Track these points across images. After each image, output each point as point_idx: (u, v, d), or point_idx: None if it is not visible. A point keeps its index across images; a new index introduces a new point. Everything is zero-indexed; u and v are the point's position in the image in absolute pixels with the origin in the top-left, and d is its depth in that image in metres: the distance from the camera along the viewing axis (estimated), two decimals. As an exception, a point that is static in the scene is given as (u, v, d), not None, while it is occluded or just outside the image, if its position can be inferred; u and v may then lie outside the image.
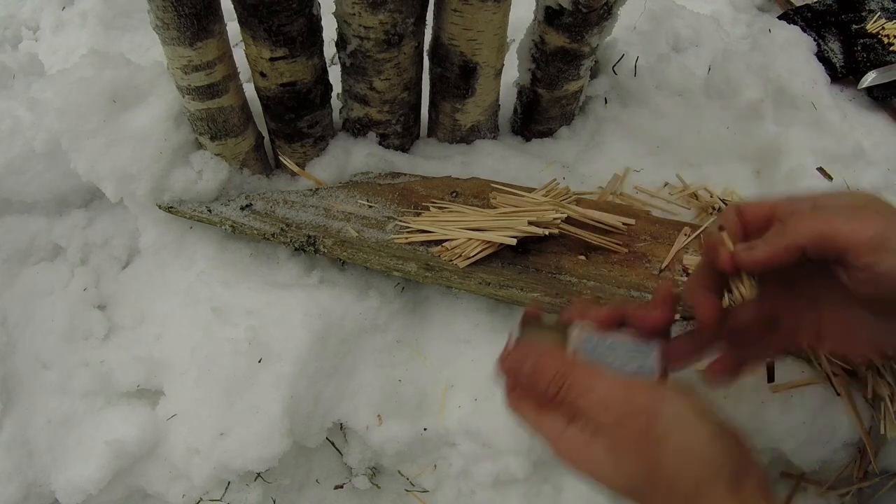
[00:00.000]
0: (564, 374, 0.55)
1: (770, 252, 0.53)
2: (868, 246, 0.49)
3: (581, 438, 0.53)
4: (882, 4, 1.29)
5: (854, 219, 0.50)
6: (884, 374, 0.78)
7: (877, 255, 0.49)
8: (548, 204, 0.87)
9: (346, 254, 0.87)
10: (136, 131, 0.84)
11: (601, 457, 0.52)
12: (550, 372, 0.56)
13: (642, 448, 0.50)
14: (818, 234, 0.51)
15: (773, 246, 0.53)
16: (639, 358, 0.59)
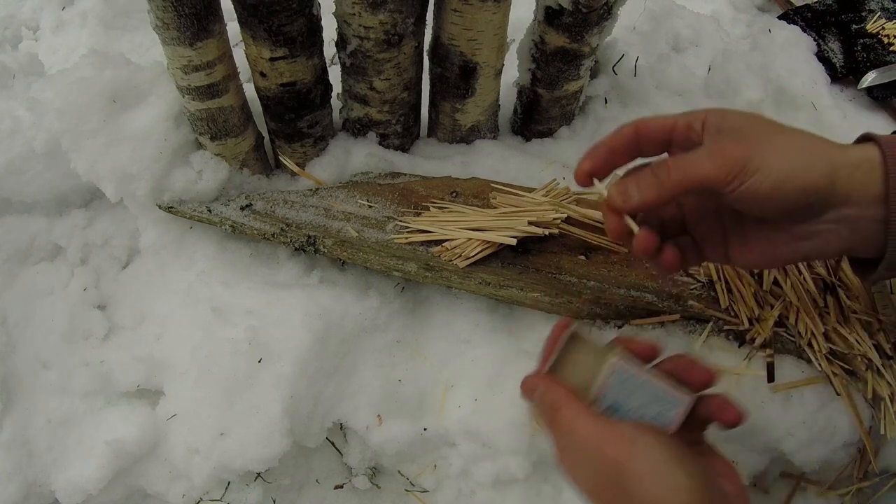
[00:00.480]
0: (556, 409, 0.57)
1: (643, 200, 0.56)
2: (728, 179, 0.53)
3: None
4: (882, 4, 1.29)
5: (715, 155, 0.54)
6: (884, 373, 0.78)
7: (740, 182, 0.53)
8: (548, 204, 0.87)
9: (346, 254, 0.87)
10: (136, 131, 0.85)
11: (585, 494, 0.55)
12: (547, 405, 0.58)
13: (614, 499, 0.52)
14: (685, 180, 0.54)
15: (645, 195, 0.56)
16: (663, 406, 0.59)
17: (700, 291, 0.85)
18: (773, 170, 0.52)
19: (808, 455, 0.80)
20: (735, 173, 0.53)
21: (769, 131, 0.55)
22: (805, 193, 0.53)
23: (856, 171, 0.53)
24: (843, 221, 0.55)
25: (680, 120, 0.59)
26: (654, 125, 0.59)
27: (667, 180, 0.55)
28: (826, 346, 0.79)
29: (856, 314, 0.81)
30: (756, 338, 0.81)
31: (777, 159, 0.53)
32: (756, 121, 0.56)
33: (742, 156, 0.53)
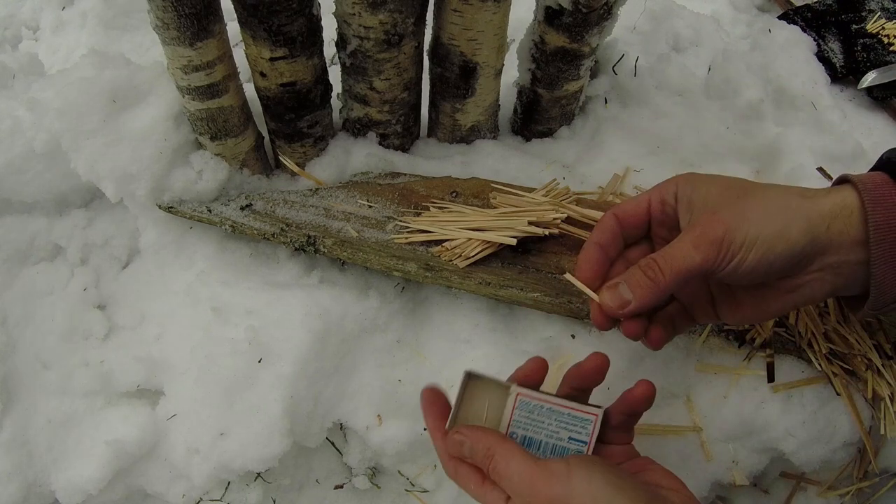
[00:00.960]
0: (490, 456, 0.56)
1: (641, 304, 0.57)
2: (716, 263, 0.54)
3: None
4: (882, 4, 1.29)
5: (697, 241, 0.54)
6: (884, 373, 0.78)
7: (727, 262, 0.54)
8: (548, 204, 0.87)
9: (346, 254, 0.87)
10: (136, 131, 0.85)
11: None
12: (479, 454, 0.57)
13: None
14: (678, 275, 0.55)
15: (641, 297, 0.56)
16: (574, 427, 0.60)
17: (700, 291, 0.85)
18: (754, 242, 0.53)
19: (808, 455, 0.80)
20: (721, 256, 0.54)
21: (741, 196, 0.56)
22: (788, 256, 0.54)
23: (834, 221, 0.54)
24: (828, 269, 0.56)
25: (653, 198, 0.60)
26: (630, 210, 0.61)
27: (661, 279, 0.55)
28: (826, 346, 0.79)
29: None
30: (756, 338, 0.81)
31: (756, 230, 0.54)
32: (726, 187, 0.57)
33: (720, 237, 0.54)
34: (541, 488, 0.52)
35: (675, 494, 0.55)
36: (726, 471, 0.81)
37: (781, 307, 0.59)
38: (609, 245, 0.61)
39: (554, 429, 0.60)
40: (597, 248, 0.61)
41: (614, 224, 0.61)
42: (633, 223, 0.61)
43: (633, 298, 0.57)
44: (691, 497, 0.56)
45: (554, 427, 0.60)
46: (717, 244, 0.54)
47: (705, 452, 0.80)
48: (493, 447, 0.56)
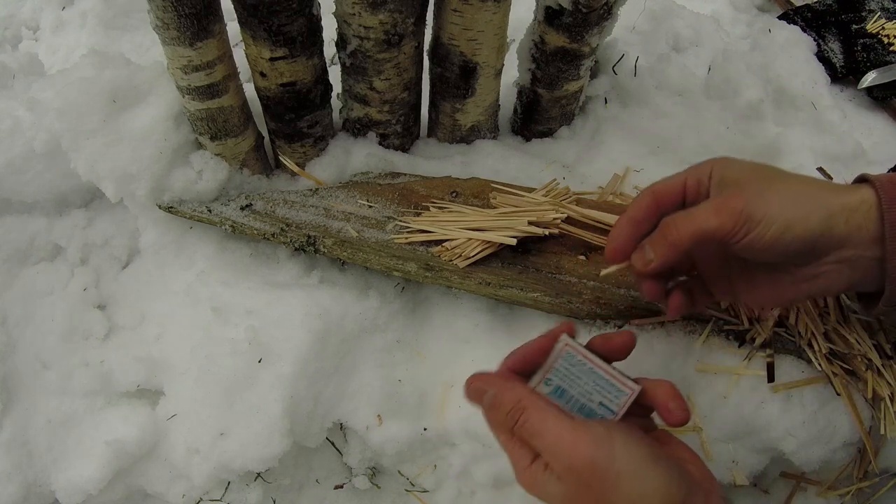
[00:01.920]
0: (520, 409, 0.56)
1: (660, 261, 0.60)
2: (732, 231, 0.56)
3: (542, 477, 0.54)
4: (882, 4, 1.29)
5: (719, 208, 0.57)
6: (884, 373, 0.78)
7: (744, 233, 0.56)
8: (548, 204, 0.87)
9: (346, 254, 0.87)
10: (136, 131, 0.85)
11: (557, 500, 0.53)
12: (507, 406, 0.57)
13: (593, 499, 0.51)
14: (693, 234, 0.58)
15: (660, 255, 0.60)
16: (607, 395, 0.60)
17: (700, 291, 0.85)
18: (774, 220, 0.56)
19: (808, 455, 0.80)
20: (739, 226, 0.56)
21: (769, 180, 0.58)
22: (805, 240, 0.56)
23: (853, 215, 0.56)
24: (844, 262, 0.58)
25: (689, 178, 0.63)
26: (667, 189, 0.63)
27: (676, 237, 0.58)
28: (826, 346, 0.79)
29: (856, 314, 0.81)
30: (756, 338, 0.81)
31: (777, 210, 0.56)
32: (756, 170, 0.60)
33: (744, 208, 0.56)
34: (583, 450, 0.52)
35: (694, 468, 0.56)
36: (726, 471, 0.81)
37: (796, 295, 0.61)
38: (641, 221, 0.63)
39: (588, 389, 0.60)
40: (629, 222, 0.63)
41: (650, 202, 0.63)
42: (669, 201, 0.63)
43: (654, 257, 0.60)
44: (709, 472, 0.56)
45: (589, 387, 0.60)
46: (736, 214, 0.56)
47: (705, 452, 0.80)
48: (525, 401, 0.56)
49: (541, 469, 0.54)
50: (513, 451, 0.57)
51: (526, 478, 0.56)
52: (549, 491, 0.54)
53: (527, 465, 0.55)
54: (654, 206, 0.63)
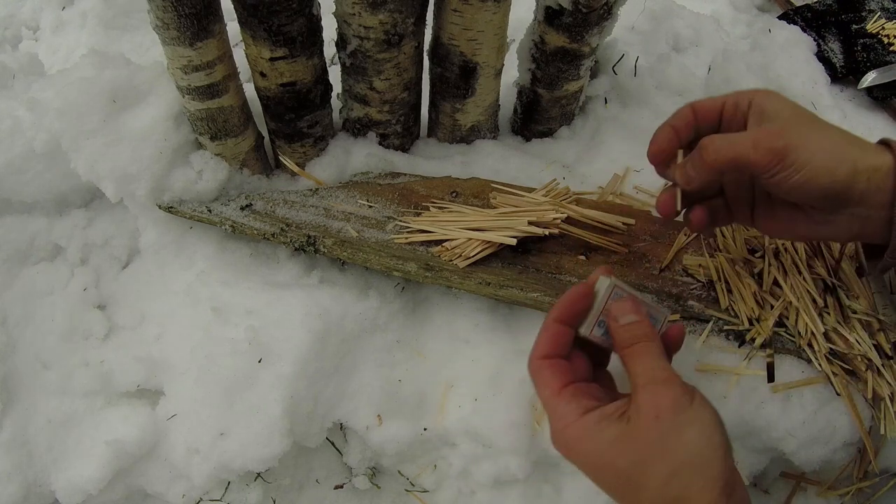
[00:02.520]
0: (638, 339, 0.59)
1: (700, 180, 0.64)
2: (765, 166, 0.60)
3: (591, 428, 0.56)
4: (882, 4, 1.29)
5: (756, 141, 0.61)
6: (884, 373, 0.78)
7: (775, 171, 0.60)
8: (548, 204, 0.87)
9: (346, 254, 0.87)
10: (136, 131, 0.85)
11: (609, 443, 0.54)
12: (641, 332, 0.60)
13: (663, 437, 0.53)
14: (728, 159, 0.61)
15: (699, 174, 0.64)
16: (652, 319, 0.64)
17: (700, 291, 0.85)
18: (803, 166, 0.60)
19: (808, 455, 0.80)
20: (772, 163, 0.60)
21: (807, 123, 0.62)
22: (828, 190, 0.60)
23: (875, 174, 0.60)
24: (857, 216, 0.63)
25: (728, 100, 0.66)
26: (707, 105, 0.67)
27: (714, 160, 0.62)
28: (826, 346, 0.79)
29: (856, 314, 0.81)
30: (756, 338, 0.81)
31: (808, 157, 0.59)
32: (796, 110, 0.63)
33: (779, 148, 0.60)
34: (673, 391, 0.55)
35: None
36: (726, 471, 0.81)
37: (809, 233, 0.67)
38: (681, 129, 0.67)
39: None
40: (670, 129, 0.67)
41: (689, 113, 0.67)
42: (706, 116, 0.67)
43: (695, 175, 0.64)
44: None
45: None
46: (773, 152, 0.60)
47: (705, 452, 0.80)
48: (649, 335, 0.60)
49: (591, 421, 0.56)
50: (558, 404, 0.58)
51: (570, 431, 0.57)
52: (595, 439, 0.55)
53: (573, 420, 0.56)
54: (692, 118, 0.67)
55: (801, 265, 0.83)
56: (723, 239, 0.88)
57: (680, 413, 0.54)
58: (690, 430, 0.53)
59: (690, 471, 0.52)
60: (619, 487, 0.55)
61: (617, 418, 0.56)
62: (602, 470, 0.55)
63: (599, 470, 0.56)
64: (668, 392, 0.55)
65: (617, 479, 0.54)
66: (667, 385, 0.55)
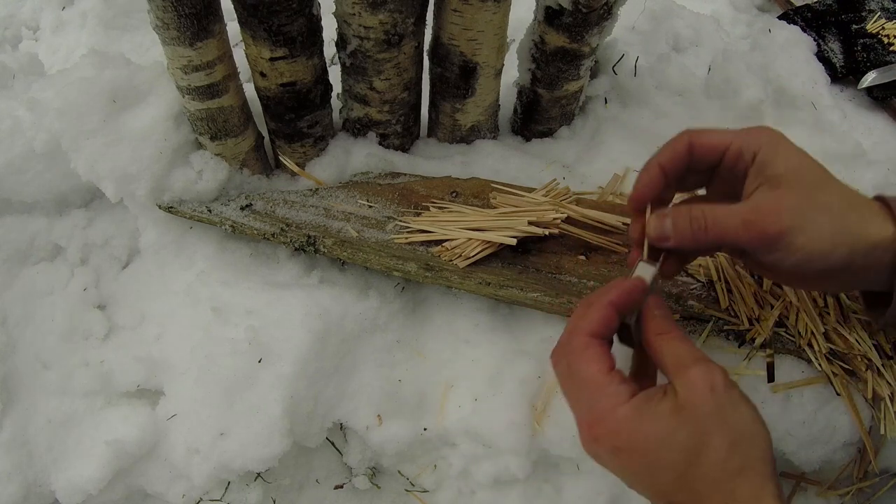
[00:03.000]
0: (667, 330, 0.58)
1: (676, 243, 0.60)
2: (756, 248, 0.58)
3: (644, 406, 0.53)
4: (882, 4, 1.29)
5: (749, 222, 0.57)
6: (884, 373, 0.78)
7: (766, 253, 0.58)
8: (548, 204, 0.87)
9: (346, 254, 0.87)
10: (136, 131, 0.85)
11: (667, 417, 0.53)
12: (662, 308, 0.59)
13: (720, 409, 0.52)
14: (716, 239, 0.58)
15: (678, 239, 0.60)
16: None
17: (700, 291, 0.85)
18: (797, 251, 0.57)
19: (808, 455, 0.80)
20: (763, 245, 0.57)
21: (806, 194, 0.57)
22: (822, 271, 0.58)
23: (873, 251, 0.57)
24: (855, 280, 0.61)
25: (734, 145, 0.60)
26: (708, 144, 0.61)
27: (701, 234, 0.59)
28: (826, 346, 0.79)
29: (856, 314, 0.81)
30: (756, 338, 0.81)
31: (803, 243, 0.56)
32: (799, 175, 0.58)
33: (772, 233, 0.56)
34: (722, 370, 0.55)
35: None
36: (726, 471, 0.81)
37: (801, 286, 0.67)
38: (671, 170, 0.62)
39: None
40: (659, 169, 0.62)
41: (684, 150, 0.62)
42: (705, 156, 0.62)
43: (672, 237, 0.60)
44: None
45: None
46: (765, 237, 0.57)
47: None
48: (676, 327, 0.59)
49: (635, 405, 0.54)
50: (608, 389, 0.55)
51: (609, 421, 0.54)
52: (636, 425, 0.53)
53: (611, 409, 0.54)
54: (687, 157, 0.62)
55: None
56: (723, 239, 0.88)
57: (732, 390, 0.54)
58: (744, 406, 0.53)
59: (749, 442, 0.52)
60: (679, 463, 0.52)
61: (664, 395, 0.54)
62: (660, 448, 0.52)
63: (657, 448, 0.52)
64: (719, 371, 0.54)
65: (677, 455, 0.52)
66: (716, 366, 0.55)
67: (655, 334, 0.58)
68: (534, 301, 0.84)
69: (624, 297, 0.59)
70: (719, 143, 0.61)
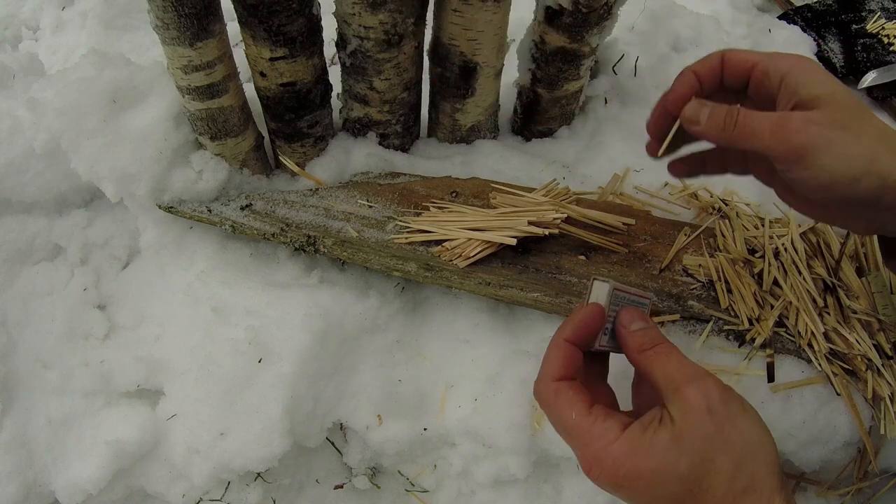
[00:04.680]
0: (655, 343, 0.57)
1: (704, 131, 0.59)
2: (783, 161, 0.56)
3: (639, 439, 0.52)
4: (882, 4, 1.29)
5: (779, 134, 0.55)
6: (884, 373, 0.78)
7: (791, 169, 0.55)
8: (548, 204, 0.87)
9: (346, 254, 0.87)
10: (136, 131, 0.84)
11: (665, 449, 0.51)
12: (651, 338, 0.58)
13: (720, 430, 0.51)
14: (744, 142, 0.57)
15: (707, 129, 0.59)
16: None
17: (700, 291, 0.85)
18: (821, 171, 0.54)
19: (808, 455, 0.80)
20: (791, 161, 0.55)
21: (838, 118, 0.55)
22: (848, 199, 0.56)
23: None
24: (879, 219, 0.58)
25: (761, 65, 0.60)
26: (738, 59, 0.61)
27: (731, 132, 0.57)
28: (826, 346, 0.79)
29: (856, 314, 0.81)
30: (756, 338, 0.81)
31: (828, 162, 0.54)
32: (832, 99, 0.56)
33: (797, 146, 0.54)
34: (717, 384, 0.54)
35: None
36: (726, 471, 0.81)
37: (824, 218, 0.63)
38: (706, 78, 0.62)
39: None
40: (693, 76, 0.62)
41: (718, 63, 0.62)
42: (734, 72, 0.61)
43: (702, 124, 0.59)
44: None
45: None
46: (790, 149, 0.55)
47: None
48: (663, 338, 0.58)
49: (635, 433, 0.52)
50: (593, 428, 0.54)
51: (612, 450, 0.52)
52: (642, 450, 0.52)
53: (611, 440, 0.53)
54: (719, 68, 0.62)
55: (801, 265, 0.83)
56: (723, 239, 0.88)
57: (730, 403, 0.52)
58: (744, 419, 0.52)
59: (753, 459, 0.51)
60: (683, 494, 0.51)
61: (659, 424, 0.52)
62: (662, 481, 0.51)
63: (659, 481, 0.51)
64: (713, 385, 0.53)
65: (681, 486, 0.50)
66: (709, 379, 0.53)
67: (638, 352, 0.58)
68: (534, 301, 0.84)
69: (579, 331, 0.59)
70: (748, 59, 0.61)
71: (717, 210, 0.92)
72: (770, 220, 0.89)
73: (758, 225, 0.89)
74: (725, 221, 0.90)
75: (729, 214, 0.91)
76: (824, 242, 0.86)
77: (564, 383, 0.56)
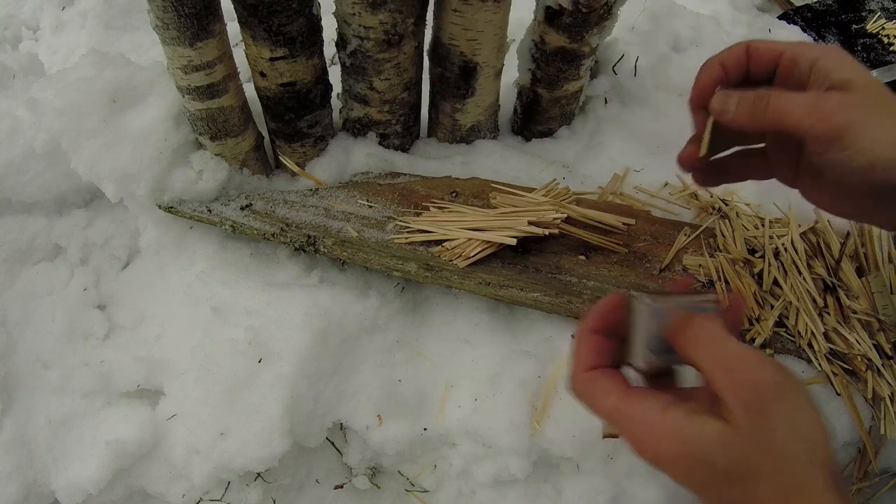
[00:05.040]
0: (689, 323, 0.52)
1: (734, 119, 0.57)
2: (819, 142, 0.53)
3: (682, 425, 0.49)
4: (882, 4, 1.29)
5: (816, 113, 0.53)
6: (884, 373, 0.78)
7: (828, 150, 0.53)
8: (548, 204, 0.87)
9: (346, 254, 0.87)
10: (136, 131, 0.84)
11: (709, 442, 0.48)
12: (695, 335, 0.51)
13: (767, 420, 0.47)
14: (777, 122, 0.55)
15: (737, 115, 0.57)
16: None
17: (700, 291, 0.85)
18: (863, 154, 0.52)
19: (808, 455, 0.80)
20: (827, 141, 0.53)
21: (877, 103, 0.53)
22: (885, 185, 0.53)
23: None
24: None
25: (789, 52, 0.58)
26: (764, 48, 0.60)
27: (762, 114, 0.56)
28: (826, 346, 0.79)
29: (856, 314, 0.81)
30: (756, 338, 0.81)
31: (868, 144, 0.52)
32: (867, 84, 0.54)
33: (838, 125, 0.52)
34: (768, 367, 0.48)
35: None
36: (726, 471, 0.81)
37: (854, 215, 0.61)
38: (731, 68, 0.60)
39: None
40: (719, 66, 0.61)
41: (743, 53, 0.60)
42: (760, 63, 0.60)
43: (732, 113, 0.58)
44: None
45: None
46: (829, 128, 0.52)
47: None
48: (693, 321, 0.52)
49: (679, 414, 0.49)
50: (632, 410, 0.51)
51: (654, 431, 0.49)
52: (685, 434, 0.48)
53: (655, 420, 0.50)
54: (745, 59, 0.60)
55: (801, 265, 0.83)
56: (723, 239, 0.88)
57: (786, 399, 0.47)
58: (800, 416, 0.48)
59: (805, 460, 0.47)
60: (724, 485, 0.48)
61: (707, 412, 0.49)
62: (706, 472, 0.48)
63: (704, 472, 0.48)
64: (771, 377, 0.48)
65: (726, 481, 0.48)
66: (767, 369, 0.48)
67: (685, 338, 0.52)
68: (534, 301, 0.84)
69: (601, 319, 0.56)
70: (775, 48, 0.59)
71: (717, 210, 0.92)
72: (770, 220, 0.89)
73: (758, 225, 0.89)
74: (725, 221, 0.90)
75: (729, 214, 0.91)
76: (824, 242, 0.86)
77: (597, 372, 0.54)
